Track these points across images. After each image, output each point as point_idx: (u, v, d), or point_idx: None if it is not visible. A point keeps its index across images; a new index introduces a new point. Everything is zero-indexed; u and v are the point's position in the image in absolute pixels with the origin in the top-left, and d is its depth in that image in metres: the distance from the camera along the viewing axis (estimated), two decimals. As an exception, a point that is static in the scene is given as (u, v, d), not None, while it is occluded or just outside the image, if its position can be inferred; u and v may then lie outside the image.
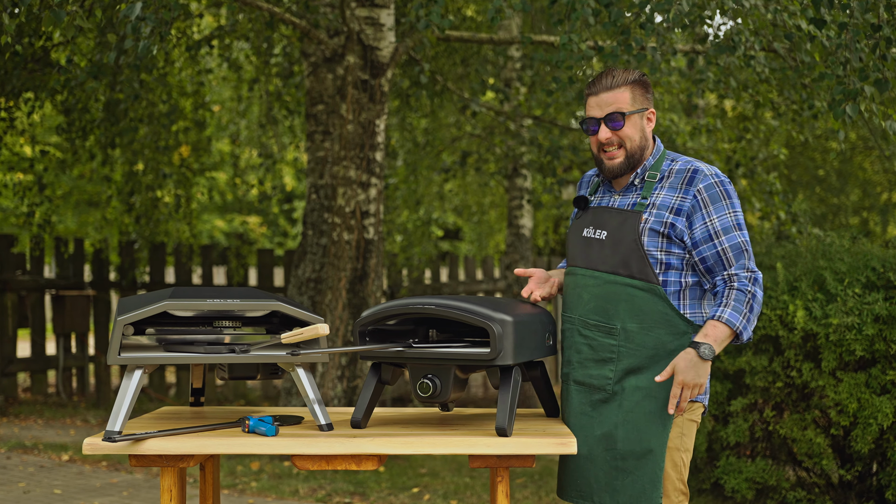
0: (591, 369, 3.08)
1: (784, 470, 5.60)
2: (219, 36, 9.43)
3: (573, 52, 4.89)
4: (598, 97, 3.12)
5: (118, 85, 8.42)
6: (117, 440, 2.72)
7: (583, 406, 3.09)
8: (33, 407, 9.72)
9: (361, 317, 2.91)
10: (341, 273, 6.88)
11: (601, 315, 3.07)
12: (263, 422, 2.84)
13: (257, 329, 3.16)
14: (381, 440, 2.75)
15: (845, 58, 4.89)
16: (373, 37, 6.82)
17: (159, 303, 2.83)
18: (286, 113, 10.33)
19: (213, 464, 3.32)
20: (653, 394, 3.03)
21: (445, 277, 12.48)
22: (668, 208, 3.06)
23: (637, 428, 3.03)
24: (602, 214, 3.16)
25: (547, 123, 8.99)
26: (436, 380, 2.86)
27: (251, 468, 6.85)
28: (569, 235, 3.27)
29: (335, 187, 6.90)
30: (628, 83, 3.11)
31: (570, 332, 3.14)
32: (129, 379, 2.82)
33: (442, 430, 2.91)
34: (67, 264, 10.40)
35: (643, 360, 3.04)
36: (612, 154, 3.13)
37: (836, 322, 5.04)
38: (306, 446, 2.73)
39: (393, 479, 6.50)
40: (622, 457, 3.03)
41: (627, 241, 3.06)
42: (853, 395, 5.08)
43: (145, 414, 3.28)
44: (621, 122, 3.09)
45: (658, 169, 3.13)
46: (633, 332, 3.04)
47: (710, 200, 3.05)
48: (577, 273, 3.15)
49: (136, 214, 10.51)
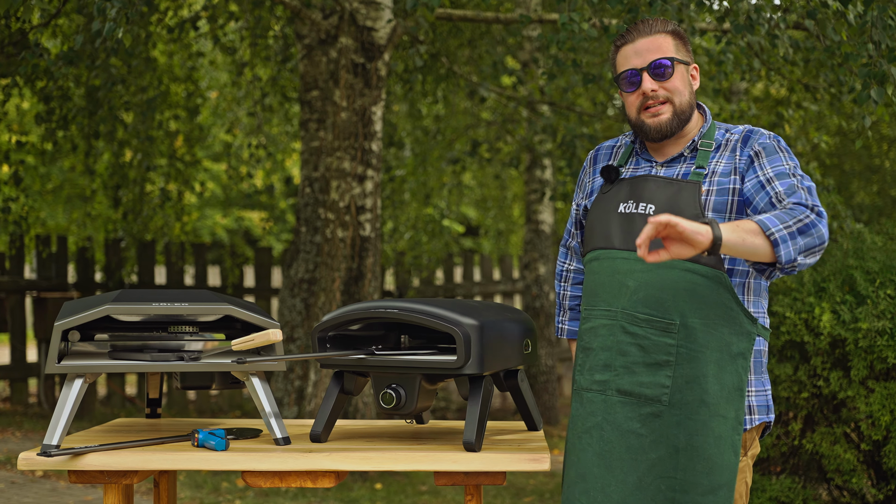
0: (641, 376, 2.75)
1: (814, 488, 5.57)
2: (210, 17, 9.48)
3: (575, 32, 4.89)
4: (636, 44, 2.85)
5: (95, 70, 8.48)
6: (54, 455, 2.74)
7: (631, 422, 2.76)
8: (12, 418, 9.82)
9: (320, 321, 2.93)
10: (335, 273, 6.91)
11: (654, 307, 2.74)
12: (214, 435, 2.86)
13: (217, 335, 3.18)
14: (338, 455, 2.76)
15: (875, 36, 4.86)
16: (367, 16, 6.83)
17: (101, 307, 2.85)
18: (282, 99, 10.37)
19: (168, 479, 3.34)
20: (720, 412, 2.71)
21: (460, 278, 12.49)
22: (730, 174, 2.79)
23: (704, 456, 2.70)
24: (645, 185, 2.84)
25: (564, 109, 8.98)
26: (400, 390, 2.86)
27: (237, 485, 6.89)
28: (594, 212, 2.93)
29: (329, 180, 6.93)
30: (668, 31, 2.87)
31: (608, 328, 2.81)
32: (69, 388, 2.84)
33: (409, 444, 2.91)
34: (49, 264, 10.48)
35: (707, 366, 2.72)
36: (658, 109, 2.83)
37: (867, 326, 5.01)
38: (257, 462, 2.75)
39: (389, 498, 6.52)
40: (683, 489, 2.71)
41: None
42: (886, 407, 5.05)
43: (97, 426, 3.31)
44: (670, 69, 2.82)
45: (711, 137, 2.87)
46: (696, 329, 2.72)
47: (766, 153, 2.79)
48: (614, 256, 2.83)
49: (122, 210, 10.58)
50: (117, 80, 9.15)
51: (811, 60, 6.49)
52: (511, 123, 10.22)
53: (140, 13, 6.93)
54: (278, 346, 2.97)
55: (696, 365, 2.72)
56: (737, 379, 2.75)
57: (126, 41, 4.78)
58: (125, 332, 3.10)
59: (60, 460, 2.75)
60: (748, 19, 5.36)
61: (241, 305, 2.97)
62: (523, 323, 3.06)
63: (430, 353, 2.91)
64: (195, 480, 7.02)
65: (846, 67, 5.44)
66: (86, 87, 9.44)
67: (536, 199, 10.38)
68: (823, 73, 6.87)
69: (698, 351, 2.72)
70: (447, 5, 8.49)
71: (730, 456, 2.72)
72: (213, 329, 3.16)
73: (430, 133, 10.68)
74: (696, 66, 2.93)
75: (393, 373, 2.87)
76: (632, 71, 2.84)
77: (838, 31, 5.48)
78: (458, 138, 10.94)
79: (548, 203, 10.42)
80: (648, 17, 5.18)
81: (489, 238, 16.68)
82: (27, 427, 9.47)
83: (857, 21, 5.07)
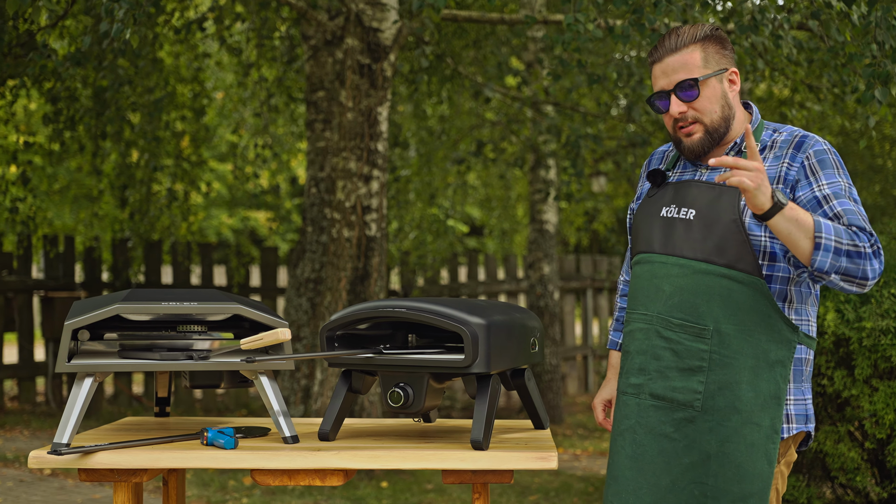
0: (674, 380, 2.73)
1: (818, 487, 5.57)
2: (216, 18, 9.49)
3: (580, 32, 4.89)
4: (663, 63, 2.78)
5: (102, 71, 8.49)
6: (64, 453, 2.74)
7: (664, 426, 2.75)
8: (20, 417, 9.83)
9: (328, 320, 2.93)
10: (341, 273, 6.91)
11: (688, 313, 2.72)
12: (223, 433, 2.86)
13: (226, 334, 3.18)
14: (347, 454, 2.76)
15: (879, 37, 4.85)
16: (373, 17, 6.83)
17: (111, 306, 2.86)
18: (288, 100, 10.38)
19: (176, 478, 3.34)
20: (754, 419, 2.67)
21: (464, 277, 12.49)
22: (774, 179, 2.71)
23: (736, 464, 2.67)
24: (688, 190, 2.80)
25: (568, 110, 8.97)
26: (408, 389, 2.86)
27: (244, 483, 6.89)
28: (639, 216, 2.92)
29: (335, 180, 6.93)
30: (697, 40, 2.76)
31: (644, 332, 2.80)
32: (79, 387, 2.85)
33: (417, 443, 2.91)
34: (57, 264, 10.50)
35: (741, 373, 2.68)
36: (689, 130, 2.79)
37: (871, 326, 5.01)
38: (265, 460, 2.75)
39: (395, 496, 6.52)
40: (714, 495, 2.68)
41: (725, 222, 2.68)
42: (890, 406, 5.04)
43: (106, 424, 3.31)
44: (695, 91, 2.75)
45: (758, 139, 2.79)
46: (730, 335, 2.69)
47: (821, 166, 2.69)
48: (653, 261, 2.81)
49: (129, 210, 10.59)
50: (124, 81, 9.16)
51: (815, 61, 6.48)
52: (515, 124, 10.22)
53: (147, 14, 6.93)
54: (286, 345, 2.97)
55: (730, 371, 2.69)
56: (774, 387, 2.71)
57: (134, 42, 4.78)
58: (134, 331, 3.11)
59: (71, 459, 2.75)
60: (752, 20, 5.36)
61: (249, 305, 2.97)
62: (530, 322, 3.05)
63: (437, 352, 2.91)
64: (202, 479, 7.02)
65: (850, 68, 5.43)
66: (93, 88, 9.45)
67: (541, 199, 10.38)
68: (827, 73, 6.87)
69: (732, 357, 2.69)
70: (452, 6, 8.50)
71: (762, 465, 2.68)
72: (222, 328, 3.16)
73: (435, 133, 10.68)
74: (736, 71, 2.83)
75: (401, 372, 2.87)
76: (660, 93, 2.81)
77: (842, 31, 5.47)
78: (462, 138, 10.94)
79: (552, 203, 10.41)
80: (654, 17, 5.18)
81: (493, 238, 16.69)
82: (35, 425, 9.48)
83: (860, 21, 5.06)
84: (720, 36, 2.82)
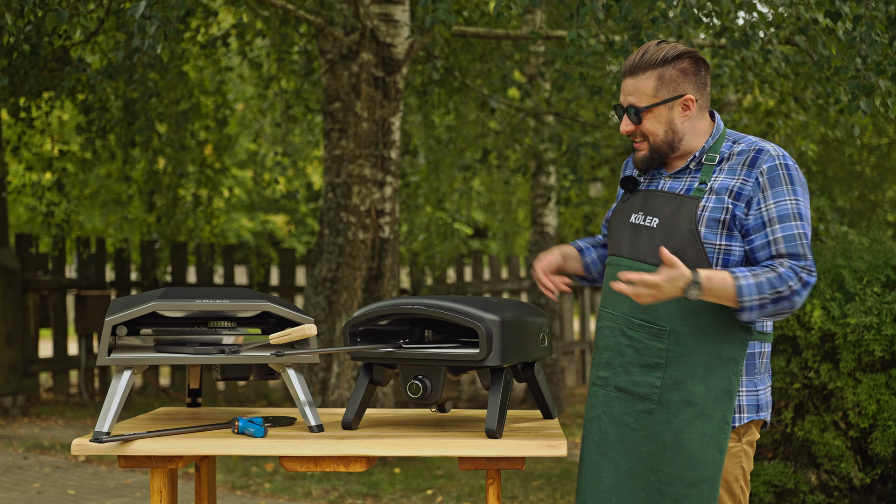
0: (635, 375, 2.79)
1: (804, 473, 5.56)
2: (239, 34, 9.50)
3: (582, 47, 4.88)
4: (624, 81, 2.83)
5: (132, 84, 8.50)
6: (105, 441, 2.74)
7: (626, 417, 2.80)
8: (55, 407, 9.84)
9: (351, 317, 2.93)
10: (356, 272, 6.91)
11: (649, 314, 2.77)
12: (253, 423, 2.86)
13: (253, 329, 3.18)
14: (369, 442, 2.76)
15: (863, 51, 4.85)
16: (387, 33, 6.83)
17: (148, 303, 2.86)
18: (305, 110, 10.39)
19: (208, 464, 3.34)
20: (706, 412, 2.72)
21: (470, 277, 12.49)
22: (727, 191, 2.74)
23: (689, 452, 2.72)
24: (654, 199, 2.84)
25: (568, 120, 8.97)
26: (426, 381, 2.86)
27: (266, 469, 6.89)
28: (612, 220, 2.95)
29: (350, 186, 6.93)
30: (655, 66, 2.76)
31: (611, 331, 2.86)
32: (119, 379, 2.85)
33: (434, 431, 2.91)
34: (89, 264, 10.51)
35: (695, 369, 2.73)
36: (638, 146, 2.85)
37: (855, 322, 5.00)
38: (293, 448, 2.75)
39: (408, 481, 6.52)
40: (668, 481, 2.74)
41: (682, 231, 2.74)
42: (872, 397, 5.04)
43: (142, 414, 3.31)
44: (640, 117, 2.79)
45: (717, 151, 2.80)
46: (685, 335, 2.74)
47: (771, 184, 2.71)
48: (621, 264, 2.86)
49: (157, 214, 10.61)
50: (153, 93, 9.18)
51: (800, 73, 6.48)
52: (518, 133, 10.21)
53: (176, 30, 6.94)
54: (312, 339, 2.97)
55: (685, 368, 2.74)
56: (726, 382, 2.74)
57: (164, 56, 4.78)
58: (168, 327, 3.11)
59: (111, 446, 2.75)
60: (744, 35, 5.35)
61: (277, 302, 2.97)
62: (539, 319, 3.06)
63: (453, 347, 2.91)
64: (227, 465, 7.03)
65: (835, 80, 5.43)
66: (123, 100, 9.47)
67: (542, 204, 10.37)
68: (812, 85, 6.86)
69: (687, 355, 2.74)
70: (461, 23, 8.50)
71: (714, 453, 2.73)
72: (249, 324, 3.16)
73: (443, 142, 10.68)
74: (691, 98, 2.79)
75: (419, 365, 2.87)
76: (618, 107, 2.87)
77: (828, 46, 5.47)
78: (468, 147, 10.93)
79: (553, 207, 10.41)
80: (652, 33, 5.18)
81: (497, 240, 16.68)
82: (69, 415, 9.49)
83: (846, 37, 5.05)
84: (692, 58, 2.80)
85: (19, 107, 8.67)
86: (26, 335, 9.92)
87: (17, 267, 9.68)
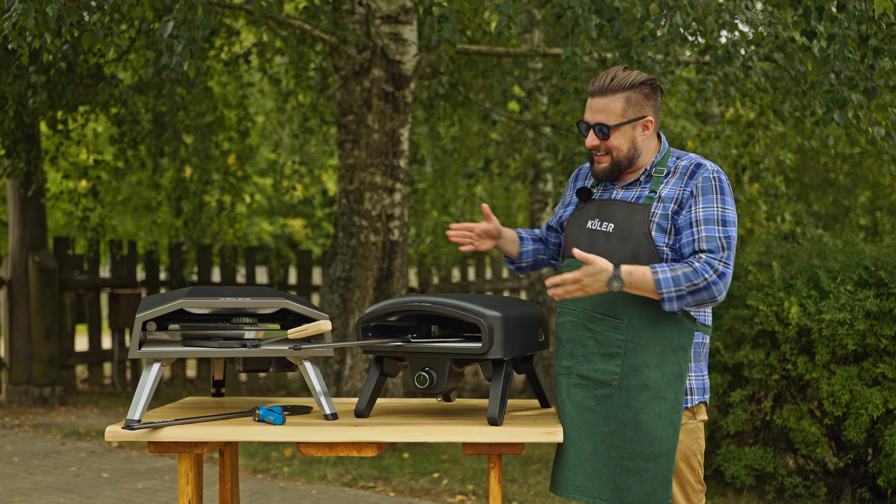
0: (596, 364, 2.86)
1: (782, 458, 5.55)
2: (259, 52, 9.51)
3: (577, 64, 4.88)
4: (593, 100, 2.90)
5: (161, 98, 8.50)
6: (136, 428, 2.75)
7: (587, 401, 2.87)
8: (90, 397, 9.85)
9: (363, 314, 2.93)
10: (368, 272, 6.91)
11: (608, 309, 2.85)
12: (272, 411, 2.86)
13: (273, 325, 3.18)
14: (379, 429, 2.76)
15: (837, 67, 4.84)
16: (396, 51, 6.83)
17: (176, 301, 2.86)
18: (321, 123, 10.39)
19: (231, 450, 3.35)
20: (661, 394, 2.81)
21: (473, 276, 12.48)
22: (672, 200, 2.85)
23: (647, 430, 2.81)
24: (608, 207, 2.92)
25: (564, 131, 8.96)
26: (432, 372, 2.86)
27: (284, 454, 6.89)
28: (569, 226, 3.01)
29: (362, 192, 6.93)
30: (624, 89, 2.86)
31: (573, 325, 2.92)
32: (148, 371, 2.85)
33: (439, 419, 2.91)
34: (121, 265, 10.52)
35: (650, 357, 2.82)
36: (600, 159, 2.93)
37: (829, 318, 4.99)
38: (310, 434, 2.75)
39: (416, 465, 6.52)
40: (629, 456, 2.82)
41: (637, 235, 2.84)
42: (846, 387, 5.03)
43: (170, 403, 3.32)
44: (607, 132, 2.88)
45: (664, 165, 2.92)
46: (640, 327, 2.82)
47: (702, 192, 2.84)
48: (580, 265, 2.89)
49: (184, 218, 10.62)
50: (180, 107, 9.19)
51: (779, 88, 6.46)
52: (518, 143, 10.20)
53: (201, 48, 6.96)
54: (327, 334, 2.97)
55: (641, 356, 2.84)
56: (677, 368, 2.85)
57: (191, 73, 4.79)
58: (193, 322, 3.11)
59: (141, 433, 2.76)
60: (726, 53, 5.34)
61: (295, 300, 2.97)
62: (537, 315, 3.06)
63: (458, 341, 2.91)
64: (248, 450, 7.03)
65: (811, 94, 5.42)
66: (153, 113, 9.48)
67: (539, 209, 10.35)
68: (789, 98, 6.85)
69: (642, 345, 2.84)
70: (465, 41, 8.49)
71: (669, 430, 2.83)
72: (269, 320, 3.16)
73: (448, 151, 10.68)
74: (650, 119, 2.92)
75: (426, 358, 2.87)
76: (583, 123, 2.94)
77: (804, 62, 5.46)
78: (471, 156, 10.93)
79: (549, 212, 10.38)
80: (642, 50, 5.18)
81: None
82: (103, 404, 9.50)
83: (820, 54, 5.05)
84: (649, 85, 2.91)
85: (57, 119, 8.68)
86: (63, 330, 9.93)
87: (55, 268, 9.70)
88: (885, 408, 4.96)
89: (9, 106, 7.71)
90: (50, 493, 5.83)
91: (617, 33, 4.83)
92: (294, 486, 6.03)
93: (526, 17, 4.90)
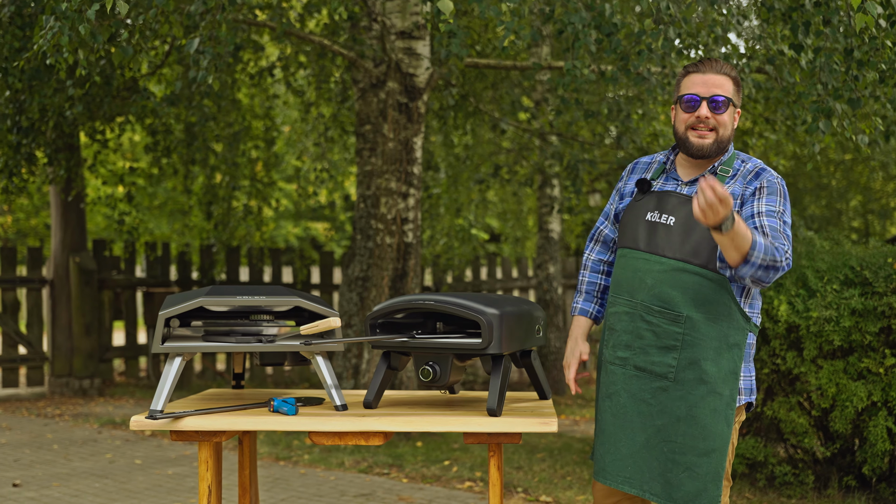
0: (653, 356, 2.75)
1: (773, 447, 5.52)
2: (283, 66, 9.53)
3: (577, 76, 4.87)
4: (705, 76, 2.78)
5: (191, 109, 8.54)
6: (159, 418, 2.76)
7: (643, 393, 2.77)
8: (126, 389, 9.90)
9: (371, 311, 2.93)
10: (384, 272, 6.91)
11: (666, 302, 2.74)
12: (286, 403, 2.87)
13: (289, 322, 3.19)
14: (386, 419, 2.76)
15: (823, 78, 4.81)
16: (410, 65, 6.84)
17: (196, 299, 2.87)
18: (341, 132, 10.41)
19: (249, 438, 3.35)
20: (717, 390, 2.69)
21: (485, 276, 12.47)
22: (736, 198, 2.75)
23: (701, 425, 2.69)
24: (669, 200, 2.80)
25: (569, 139, 8.95)
26: (436, 366, 2.86)
27: (305, 443, 6.91)
28: (625, 217, 2.90)
29: (379, 197, 6.94)
30: (731, 76, 2.80)
31: (629, 316, 2.81)
32: (171, 364, 2.86)
33: (443, 410, 2.91)
34: (156, 265, 10.58)
35: (707, 352, 2.70)
36: (704, 133, 2.78)
37: (816, 315, 4.97)
38: (320, 424, 2.75)
39: (428, 454, 6.52)
40: (681, 451, 2.70)
41: (701, 230, 2.70)
42: (832, 381, 5.00)
43: (192, 395, 3.33)
44: (723, 108, 2.77)
45: (730, 165, 2.81)
46: (699, 321, 2.70)
47: (767, 192, 2.74)
48: (637, 256, 2.82)
49: (214, 222, 10.66)
50: (209, 118, 9.23)
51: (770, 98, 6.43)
52: (526, 151, 10.19)
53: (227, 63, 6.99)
54: (338, 331, 2.98)
55: (698, 350, 2.71)
56: (732, 364, 2.73)
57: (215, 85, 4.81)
58: (215, 319, 3.12)
59: (163, 422, 2.77)
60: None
61: (307, 298, 2.98)
62: (536, 312, 3.05)
63: (460, 337, 2.91)
64: (272, 439, 7.05)
65: (799, 104, 5.39)
66: (184, 124, 9.52)
67: (547, 212, 10.34)
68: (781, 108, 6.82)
69: (700, 339, 2.71)
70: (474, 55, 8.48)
71: (723, 426, 2.71)
72: (286, 317, 3.17)
73: (461, 159, 10.67)
74: (740, 111, 2.88)
75: (430, 352, 2.87)
76: (694, 96, 2.79)
77: (793, 74, 5.43)
78: (483, 163, 10.92)
79: (556, 215, 10.37)
80: (638, 63, 5.16)
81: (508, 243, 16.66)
82: (139, 396, 9.54)
83: (808, 66, 5.02)
84: (740, 82, 2.88)
85: (95, 129, 8.74)
86: (102, 327, 9.99)
87: (94, 268, 9.76)
88: (870, 400, 4.93)
89: (49, 117, 7.76)
90: (86, 478, 5.86)
91: (615, 47, 4.82)
92: (314, 472, 6.04)
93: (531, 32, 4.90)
